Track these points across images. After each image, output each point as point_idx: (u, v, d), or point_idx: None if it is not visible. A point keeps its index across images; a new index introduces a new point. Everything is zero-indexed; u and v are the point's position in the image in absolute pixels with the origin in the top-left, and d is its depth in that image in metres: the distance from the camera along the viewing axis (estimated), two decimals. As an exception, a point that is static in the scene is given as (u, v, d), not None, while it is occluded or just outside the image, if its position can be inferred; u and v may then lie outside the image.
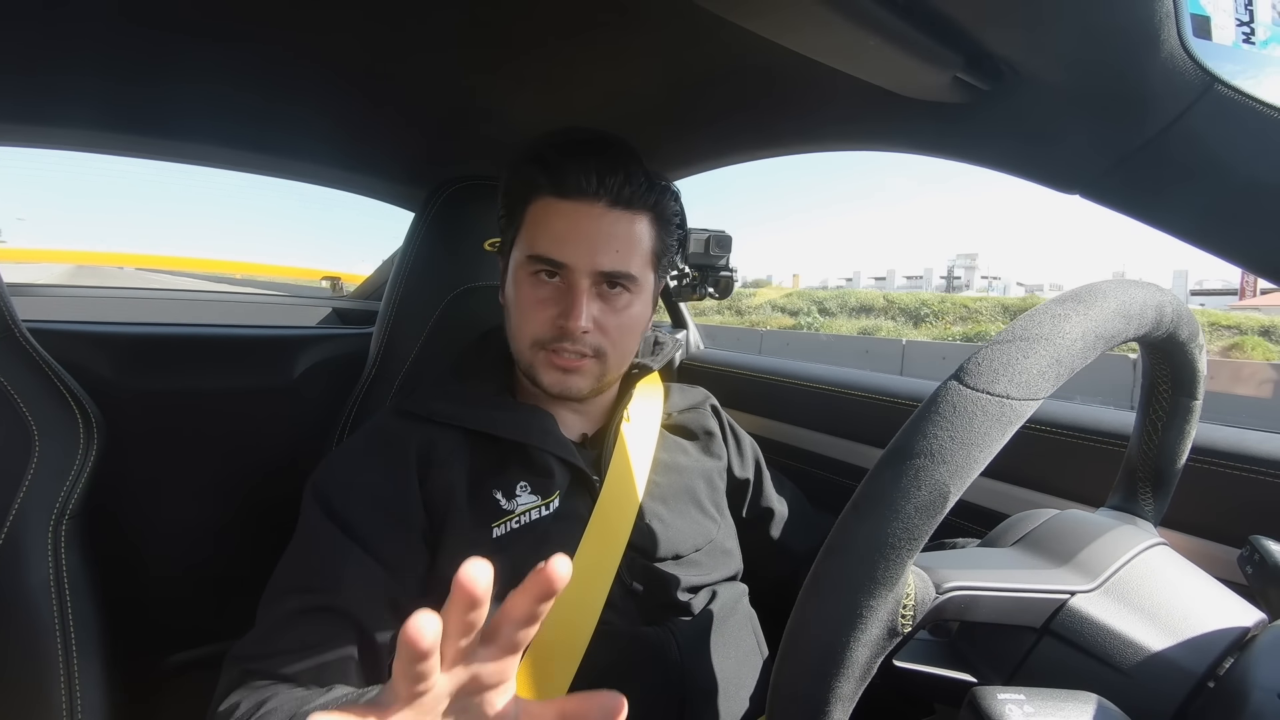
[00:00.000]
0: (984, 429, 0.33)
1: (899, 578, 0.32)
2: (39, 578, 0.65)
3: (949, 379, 0.35)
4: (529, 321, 0.72)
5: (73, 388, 0.71)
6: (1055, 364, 0.35)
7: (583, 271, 0.70)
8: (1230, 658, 0.36)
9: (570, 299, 0.70)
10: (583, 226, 0.70)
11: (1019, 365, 0.34)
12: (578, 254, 0.69)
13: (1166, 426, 0.50)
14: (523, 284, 0.72)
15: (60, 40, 0.78)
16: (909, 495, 0.32)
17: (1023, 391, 0.34)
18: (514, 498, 0.70)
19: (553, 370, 0.72)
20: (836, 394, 1.10)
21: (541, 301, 0.71)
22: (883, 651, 0.33)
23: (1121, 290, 0.39)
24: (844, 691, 0.33)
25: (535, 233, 0.71)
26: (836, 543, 0.34)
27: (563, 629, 0.65)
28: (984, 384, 0.34)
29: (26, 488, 0.66)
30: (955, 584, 0.36)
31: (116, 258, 4.66)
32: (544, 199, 0.71)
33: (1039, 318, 0.36)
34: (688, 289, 1.32)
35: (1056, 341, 0.35)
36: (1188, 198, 0.55)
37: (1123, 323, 0.38)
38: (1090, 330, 0.36)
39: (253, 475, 1.04)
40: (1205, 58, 0.48)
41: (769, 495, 0.91)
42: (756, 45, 0.60)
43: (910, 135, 0.74)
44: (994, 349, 0.35)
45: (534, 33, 0.79)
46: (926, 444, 0.33)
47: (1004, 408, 0.33)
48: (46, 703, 0.63)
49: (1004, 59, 0.58)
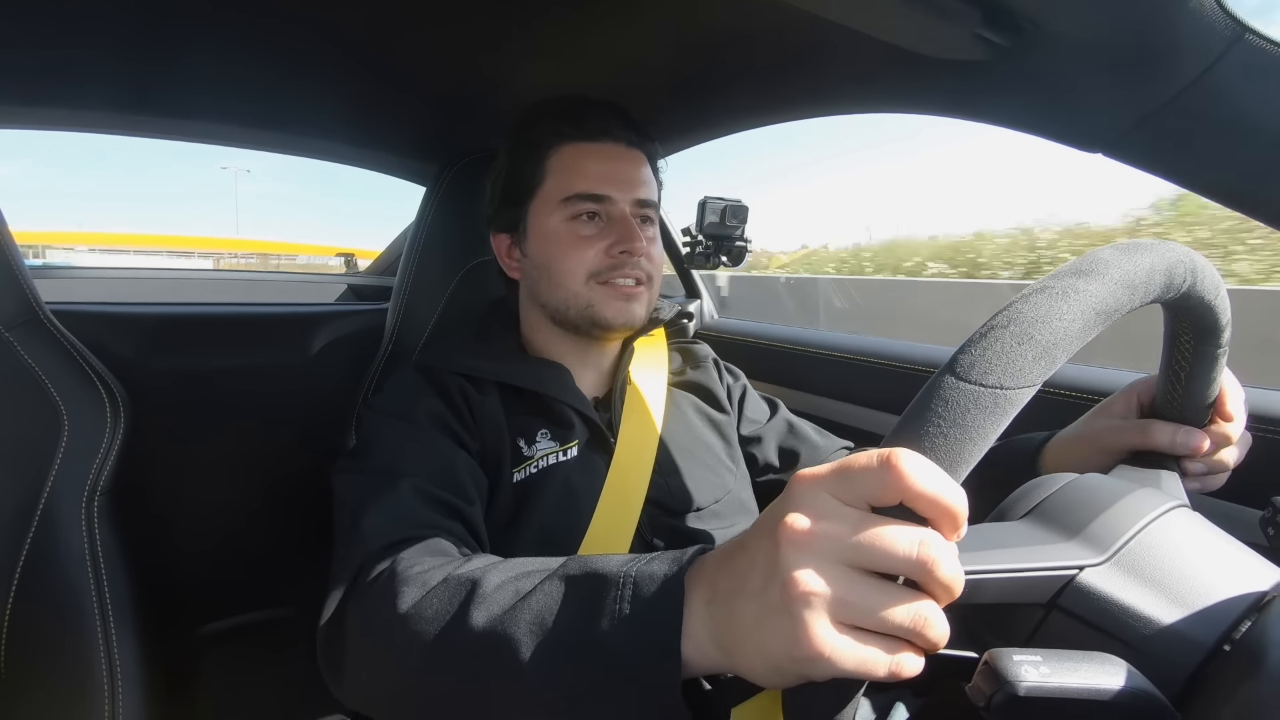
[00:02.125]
0: (978, 423, 0.32)
1: None
2: (75, 552, 0.67)
3: (943, 371, 0.34)
4: (580, 259, 0.74)
5: (97, 368, 0.72)
6: (1051, 348, 0.34)
7: (626, 201, 0.76)
8: (1248, 620, 0.35)
9: (623, 226, 0.75)
10: (615, 163, 0.76)
11: (1013, 353, 0.33)
12: (619, 186, 0.75)
13: (1190, 375, 0.49)
14: (561, 229, 0.75)
15: (69, 21, 0.78)
16: None
17: (1017, 380, 0.33)
18: (534, 443, 0.72)
19: (614, 300, 0.75)
20: (851, 361, 1.10)
21: (588, 239, 0.75)
22: None
23: (1126, 257, 0.38)
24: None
25: (569, 177, 0.75)
26: None
27: None
28: (977, 375, 0.33)
29: (59, 465, 0.68)
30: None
31: (116, 239, 4.72)
32: (569, 145, 0.76)
33: (1034, 299, 0.35)
34: (701, 258, 1.31)
35: (1053, 324, 0.34)
36: (1216, 154, 0.53)
37: (1127, 294, 0.37)
38: (1090, 308, 0.35)
39: (274, 449, 1.06)
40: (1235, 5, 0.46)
41: (785, 443, 0.90)
42: (768, 6, 0.58)
43: (927, 96, 0.73)
44: (987, 338, 0.34)
45: (542, 4, 0.78)
46: (920, 442, 0.32)
47: (998, 399, 0.32)
48: (89, 671, 0.66)
49: (1024, 13, 0.56)
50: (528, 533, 0.68)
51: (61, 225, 79.87)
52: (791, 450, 0.89)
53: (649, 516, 0.72)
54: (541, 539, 0.68)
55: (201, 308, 1.08)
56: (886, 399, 1.04)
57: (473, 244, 1.00)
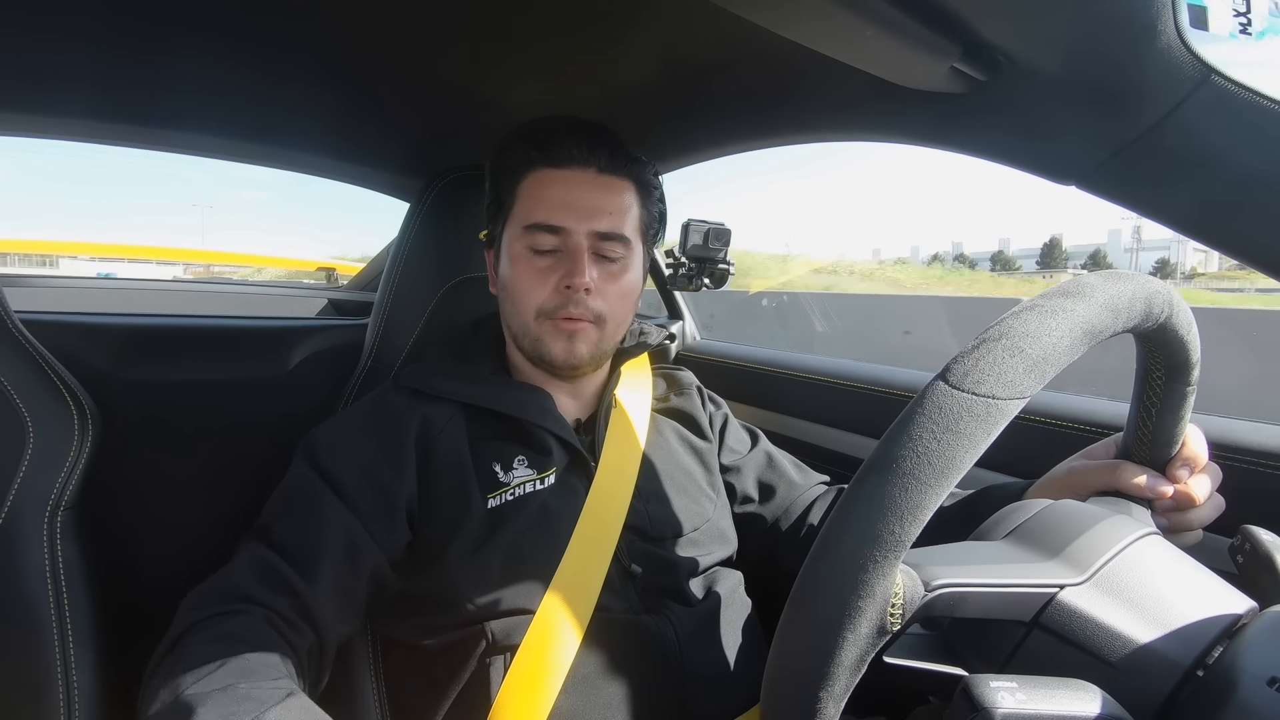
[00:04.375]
0: (969, 430, 0.33)
1: (887, 579, 0.33)
2: (35, 568, 0.65)
3: (935, 379, 0.35)
4: (532, 292, 0.73)
5: (66, 379, 0.71)
6: (1041, 362, 0.35)
7: (581, 233, 0.73)
8: (1220, 646, 0.36)
9: (572, 260, 0.72)
10: (578, 191, 0.74)
11: (1005, 364, 0.34)
12: (575, 217, 0.73)
13: (1161, 412, 0.51)
14: (520, 259, 0.74)
15: (53, 30, 0.77)
16: (895, 498, 0.32)
17: (1008, 391, 0.34)
18: (511, 470, 0.71)
19: (559, 338, 0.73)
20: (832, 385, 1.10)
21: (541, 271, 0.73)
22: (872, 650, 0.34)
23: (1110, 284, 0.39)
24: (835, 690, 0.33)
25: (531, 204, 0.74)
26: (825, 544, 0.34)
27: (560, 613, 0.65)
28: (969, 384, 0.34)
29: (21, 479, 0.66)
30: (943, 581, 0.36)
31: (84, 247, 4.66)
32: (537, 172, 0.75)
33: (1025, 315, 0.36)
34: (684, 279, 1.32)
35: (1043, 339, 0.35)
36: (1184, 189, 0.55)
37: (1110, 317, 0.38)
38: (1077, 326, 0.36)
39: (247, 465, 1.04)
40: (1202, 49, 0.48)
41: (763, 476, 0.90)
42: (753, 35, 0.59)
43: (907, 126, 0.74)
44: (980, 348, 0.35)
45: (531, 24, 0.78)
46: (913, 446, 0.33)
47: (989, 408, 0.33)
48: (43, 691, 0.63)
49: (1001, 49, 0.58)
50: (500, 557, 0.67)
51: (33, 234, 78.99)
52: (769, 484, 0.89)
53: (627, 542, 0.71)
54: (515, 563, 0.67)
55: (176, 319, 1.06)
56: (867, 423, 1.05)
57: (456, 261, 1.00)
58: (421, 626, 0.68)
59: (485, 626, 0.65)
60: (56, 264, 6.59)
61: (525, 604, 0.66)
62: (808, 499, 0.87)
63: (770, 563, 0.86)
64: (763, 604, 0.80)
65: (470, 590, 0.66)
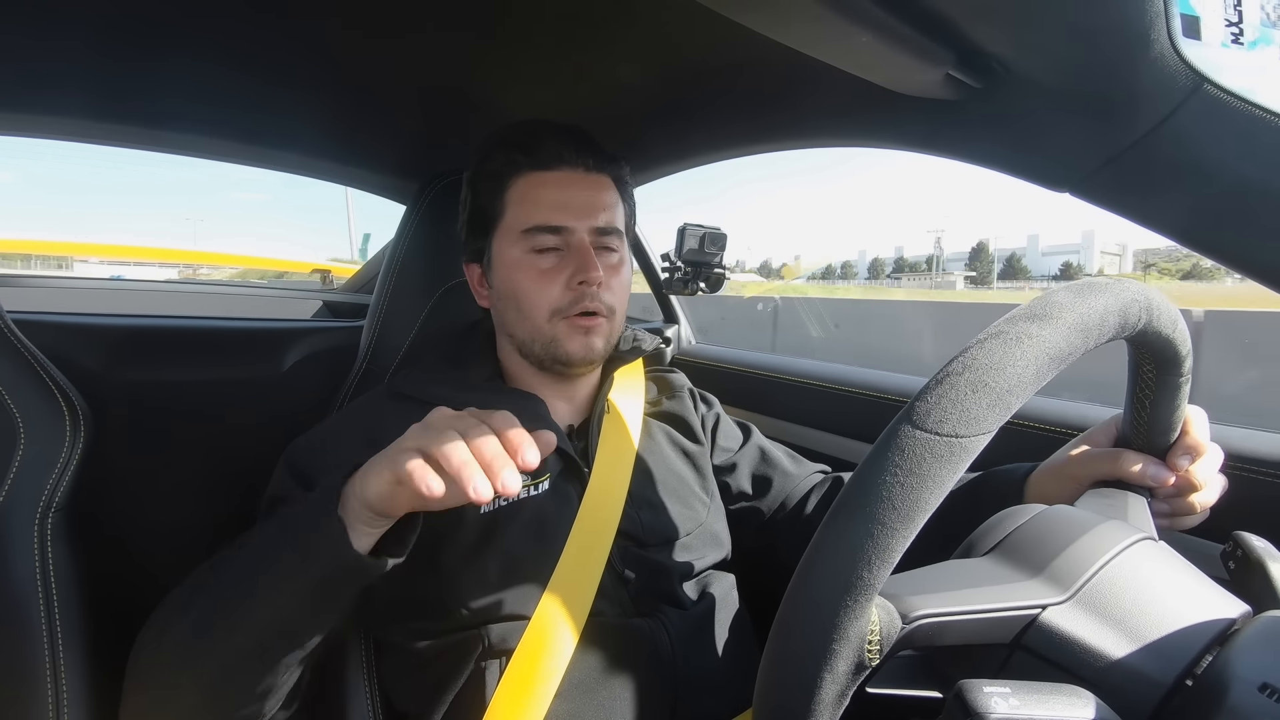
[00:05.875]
0: (934, 471, 0.33)
1: (860, 620, 0.33)
2: (25, 571, 0.65)
3: (899, 420, 0.35)
4: (542, 294, 0.73)
5: (58, 379, 0.70)
6: (1006, 395, 0.34)
7: (583, 230, 0.74)
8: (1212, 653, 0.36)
9: (580, 257, 0.73)
10: (572, 191, 0.74)
11: (968, 401, 0.34)
12: (575, 215, 0.74)
13: (1155, 404, 0.51)
14: (521, 263, 0.74)
15: (49, 29, 0.77)
16: (862, 544, 0.32)
17: (972, 428, 0.34)
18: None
19: (576, 334, 0.74)
20: (827, 389, 1.11)
21: (547, 272, 0.73)
22: (852, 685, 0.34)
23: (1081, 300, 0.38)
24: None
25: (526, 208, 0.74)
26: (798, 588, 0.34)
27: (555, 618, 0.65)
28: (932, 424, 0.34)
29: (11, 481, 0.65)
30: (921, 612, 0.36)
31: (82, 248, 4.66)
32: (525, 176, 0.75)
33: (989, 345, 0.36)
34: (680, 283, 1.32)
35: (1008, 371, 0.35)
36: (1177, 197, 0.55)
37: (1080, 337, 0.37)
38: (1044, 353, 0.36)
39: (242, 468, 1.03)
40: (1194, 58, 0.49)
41: (757, 470, 0.90)
42: (749, 40, 0.60)
43: (901, 132, 0.75)
44: (943, 385, 0.35)
45: (528, 27, 0.78)
46: (877, 490, 0.33)
47: (952, 447, 0.33)
48: (32, 694, 0.63)
49: (996, 57, 0.58)
50: (495, 562, 0.67)
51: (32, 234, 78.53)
52: (764, 477, 0.89)
53: (619, 548, 0.71)
54: (510, 569, 0.67)
55: (169, 320, 1.06)
56: (859, 426, 1.05)
57: (452, 264, 1.00)
58: (415, 630, 0.68)
59: (481, 631, 0.65)
60: (71, 266, 6.57)
61: (521, 609, 0.65)
62: (804, 488, 0.87)
63: (771, 554, 0.86)
64: (757, 606, 0.80)
65: (465, 595, 0.66)
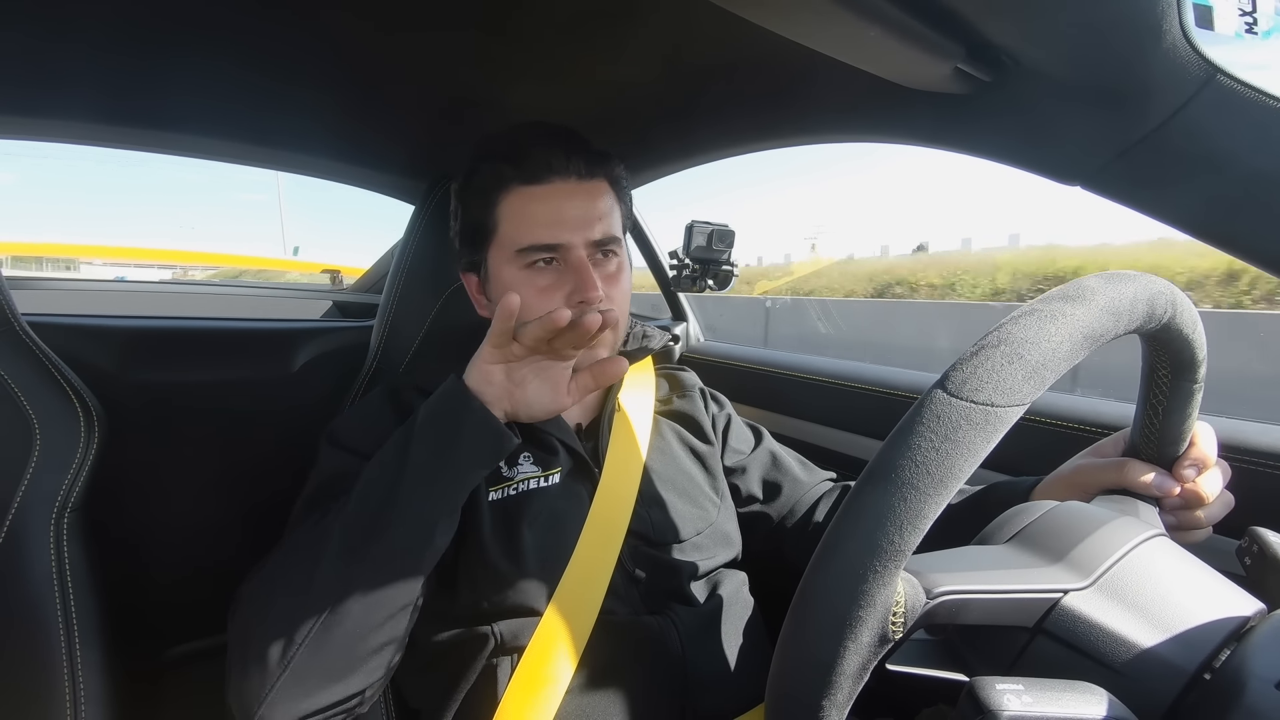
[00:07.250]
0: (968, 438, 0.33)
1: (887, 588, 0.32)
2: (42, 570, 0.65)
3: (934, 387, 0.35)
4: (542, 312, 0.72)
5: (73, 381, 0.71)
6: (1040, 368, 0.35)
7: (579, 245, 0.71)
8: (1228, 649, 0.36)
9: (580, 274, 0.70)
10: (564, 204, 0.71)
11: (1004, 372, 0.34)
12: (569, 230, 0.71)
13: (1168, 410, 0.50)
14: (518, 282, 0.72)
15: (58, 31, 0.78)
16: (894, 508, 0.32)
17: (1007, 398, 0.34)
18: (515, 465, 0.72)
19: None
20: (836, 386, 1.10)
21: (545, 290, 0.71)
22: (874, 658, 0.34)
23: (1111, 286, 0.39)
24: (838, 698, 0.33)
25: (519, 226, 0.72)
26: (824, 554, 0.34)
27: (566, 616, 0.65)
28: (968, 392, 0.34)
29: (28, 481, 0.66)
30: (945, 589, 0.36)
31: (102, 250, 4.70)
32: (515, 190, 0.72)
33: (1024, 321, 0.36)
34: (688, 281, 1.32)
35: (1042, 345, 0.35)
36: (1189, 190, 0.54)
37: (1112, 320, 0.38)
38: (1077, 331, 0.36)
39: (253, 467, 1.04)
40: (1207, 48, 0.48)
41: (768, 475, 0.90)
42: (757, 37, 0.59)
43: (910, 126, 0.74)
44: (979, 355, 0.35)
45: (534, 25, 0.78)
46: (911, 455, 0.33)
47: (988, 415, 0.33)
48: (50, 692, 0.64)
49: (1005, 50, 0.58)
50: (508, 557, 0.67)
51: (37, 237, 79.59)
52: (774, 483, 0.88)
53: (630, 548, 0.71)
54: (522, 565, 0.67)
55: (182, 321, 1.07)
56: (871, 424, 1.04)
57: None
58: (427, 627, 0.68)
59: (493, 627, 0.65)
60: (78, 268, 6.65)
61: (533, 606, 0.66)
62: (814, 496, 0.87)
63: (778, 559, 0.85)
64: (767, 604, 0.80)
65: (479, 588, 0.66)
